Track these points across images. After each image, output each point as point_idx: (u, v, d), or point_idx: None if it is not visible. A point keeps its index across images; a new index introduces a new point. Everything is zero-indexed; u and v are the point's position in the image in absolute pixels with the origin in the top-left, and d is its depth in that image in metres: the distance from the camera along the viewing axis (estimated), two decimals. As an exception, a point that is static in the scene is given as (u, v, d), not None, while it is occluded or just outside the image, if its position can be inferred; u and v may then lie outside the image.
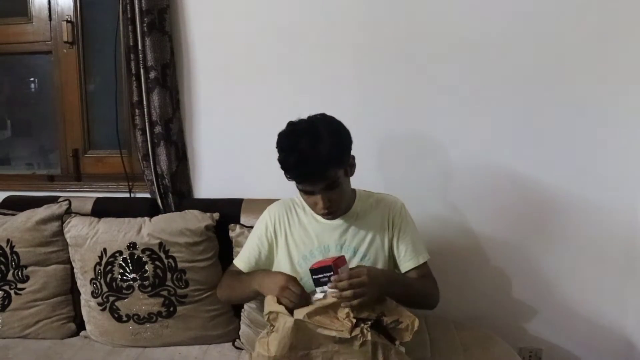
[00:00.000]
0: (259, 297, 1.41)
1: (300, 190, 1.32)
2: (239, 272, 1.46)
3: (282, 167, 1.27)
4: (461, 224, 1.80)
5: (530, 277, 1.81)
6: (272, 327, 1.22)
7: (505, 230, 1.79)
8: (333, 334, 1.15)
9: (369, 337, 1.15)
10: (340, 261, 1.21)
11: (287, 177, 1.28)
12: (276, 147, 1.29)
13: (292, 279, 1.27)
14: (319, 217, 1.41)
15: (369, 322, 1.18)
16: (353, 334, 1.14)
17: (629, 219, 1.73)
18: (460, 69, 1.71)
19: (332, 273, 1.18)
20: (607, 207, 1.73)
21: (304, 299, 1.24)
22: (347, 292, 1.15)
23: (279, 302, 1.23)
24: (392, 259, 1.41)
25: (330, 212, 1.33)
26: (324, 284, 1.20)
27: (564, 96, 1.69)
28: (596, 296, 1.78)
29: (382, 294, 1.22)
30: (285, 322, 1.18)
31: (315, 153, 1.22)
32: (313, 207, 1.34)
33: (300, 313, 1.18)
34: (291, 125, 1.30)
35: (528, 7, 1.65)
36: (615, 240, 1.75)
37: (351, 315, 1.16)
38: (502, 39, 1.68)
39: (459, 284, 1.81)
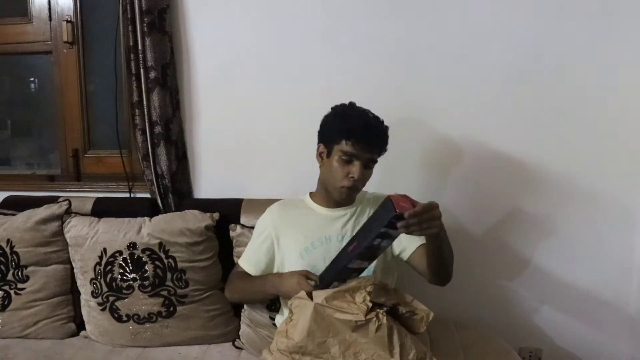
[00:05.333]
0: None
1: (344, 153, 1.34)
2: (247, 274, 1.49)
3: (341, 129, 1.34)
4: (461, 223, 1.80)
5: (530, 277, 1.81)
6: (291, 315, 1.24)
7: (505, 229, 1.79)
8: (349, 317, 1.16)
9: (385, 321, 1.16)
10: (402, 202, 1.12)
11: (336, 139, 1.34)
12: (329, 116, 1.40)
13: (304, 272, 1.33)
14: (321, 210, 1.46)
15: (385, 308, 1.20)
16: (368, 316, 1.15)
17: (630, 218, 1.73)
18: (463, 64, 1.71)
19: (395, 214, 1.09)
20: (608, 206, 1.73)
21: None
22: (415, 227, 1.10)
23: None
24: (391, 248, 1.44)
25: (356, 187, 1.38)
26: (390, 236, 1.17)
27: (565, 90, 1.69)
28: (597, 296, 1.78)
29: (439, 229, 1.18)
30: (305, 305, 1.20)
31: (379, 123, 1.37)
32: (343, 177, 1.36)
33: (319, 297, 1.20)
34: (350, 103, 1.41)
35: (536, 6, 1.66)
36: (617, 239, 1.75)
37: (367, 299, 1.17)
38: (505, 33, 1.68)
39: (459, 284, 1.80)
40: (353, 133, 1.32)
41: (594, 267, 1.77)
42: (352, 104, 1.40)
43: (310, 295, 1.23)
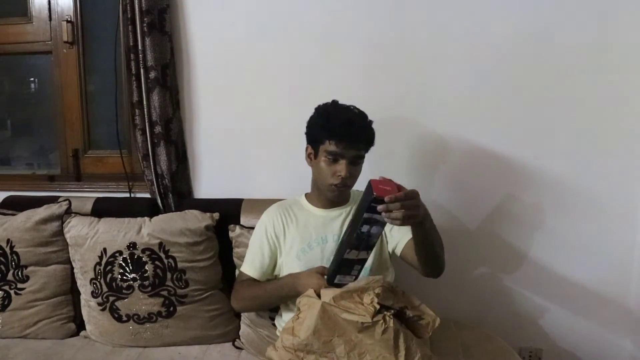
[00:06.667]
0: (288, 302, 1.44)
1: (329, 153, 1.34)
2: (253, 281, 1.47)
3: (324, 129, 1.35)
4: (460, 223, 1.80)
5: (530, 277, 1.81)
6: (298, 313, 1.24)
7: (505, 229, 1.79)
8: (356, 318, 1.16)
9: (391, 324, 1.16)
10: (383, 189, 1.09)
11: (321, 140, 1.35)
12: (313, 116, 1.41)
13: (320, 269, 1.32)
14: (317, 211, 1.46)
15: (392, 311, 1.20)
16: (375, 319, 1.15)
17: (630, 217, 1.73)
18: (462, 65, 1.71)
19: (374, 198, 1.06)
20: (607, 204, 1.73)
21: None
22: (398, 214, 1.07)
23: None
24: (386, 245, 1.45)
25: (344, 185, 1.37)
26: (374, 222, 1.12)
27: (564, 90, 1.69)
28: (597, 295, 1.79)
29: (423, 218, 1.16)
30: (313, 304, 1.20)
31: (362, 120, 1.37)
32: (330, 175, 1.36)
33: (327, 296, 1.20)
34: (332, 101, 1.42)
35: (529, 6, 1.66)
36: (616, 237, 1.75)
37: (375, 301, 1.18)
38: (504, 35, 1.68)
39: (459, 284, 1.82)
40: (335, 132, 1.33)
41: (594, 266, 1.77)
42: (334, 103, 1.41)
43: (318, 294, 1.23)
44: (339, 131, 1.32)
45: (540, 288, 1.81)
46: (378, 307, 1.17)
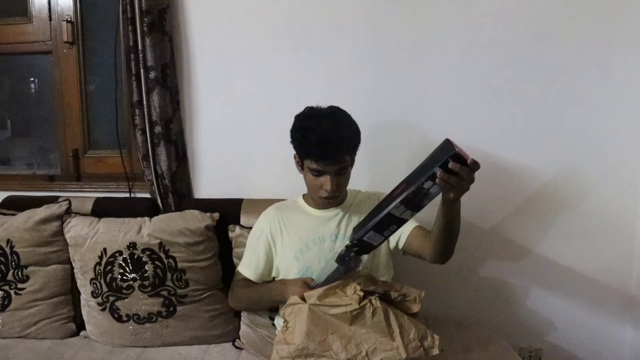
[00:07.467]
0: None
1: (311, 169, 1.34)
2: (249, 282, 1.50)
3: (301, 147, 1.34)
4: (462, 223, 1.80)
5: (530, 277, 1.81)
6: (286, 323, 1.25)
7: (505, 230, 1.79)
8: (343, 309, 1.18)
9: (379, 305, 1.18)
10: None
11: (302, 156, 1.35)
12: (293, 129, 1.37)
13: (307, 279, 1.34)
14: (314, 211, 1.47)
15: (377, 294, 1.22)
16: (362, 303, 1.17)
17: (631, 217, 1.73)
18: (462, 64, 1.71)
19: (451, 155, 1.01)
20: (608, 205, 1.73)
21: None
22: (453, 179, 1.04)
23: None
24: (387, 242, 1.41)
25: (334, 196, 1.37)
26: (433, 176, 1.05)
27: (565, 89, 1.69)
28: (597, 296, 1.79)
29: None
30: (299, 309, 1.21)
31: (338, 135, 1.30)
32: (318, 189, 1.36)
33: (311, 297, 1.21)
34: (311, 108, 1.37)
35: (529, 5, 1.66)
36: (617, 239, 1.75)
37: (358, 289, 1.20)
38: (505, 34, 1.68)
39: (459, 284, 1.82)
40: (312, 153, 1.31)
41: (594, 267, 1.77)
42: (312, 113, 1.36)
43: (302, 298, 1.24)
44: (316, 152, 1.30)
45: (541, 288, 1.81)
46: (362, 294, 1.19)
